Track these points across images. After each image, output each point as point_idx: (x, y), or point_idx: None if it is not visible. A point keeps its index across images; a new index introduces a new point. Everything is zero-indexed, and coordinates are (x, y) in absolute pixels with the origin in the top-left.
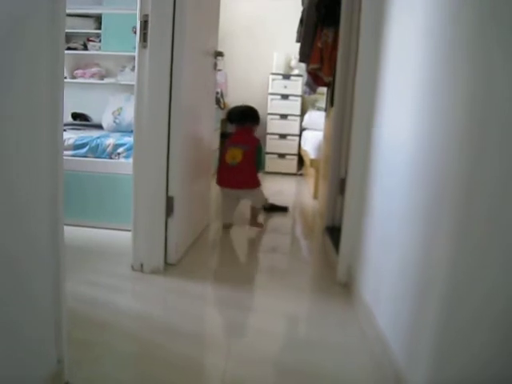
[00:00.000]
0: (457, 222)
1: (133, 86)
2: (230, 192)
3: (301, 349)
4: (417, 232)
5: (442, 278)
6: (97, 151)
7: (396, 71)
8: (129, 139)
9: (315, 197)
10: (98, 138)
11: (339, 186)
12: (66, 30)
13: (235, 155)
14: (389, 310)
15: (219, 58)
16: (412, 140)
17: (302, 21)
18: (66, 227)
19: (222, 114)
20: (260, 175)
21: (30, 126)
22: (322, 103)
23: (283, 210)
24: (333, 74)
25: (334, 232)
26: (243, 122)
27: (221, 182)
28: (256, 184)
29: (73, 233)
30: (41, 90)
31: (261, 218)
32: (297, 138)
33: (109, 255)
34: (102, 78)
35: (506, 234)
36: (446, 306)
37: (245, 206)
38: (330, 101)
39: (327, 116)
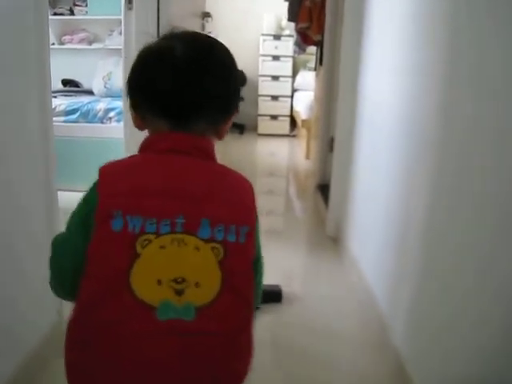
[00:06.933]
0: (434, 168)
1: (121, 49)
2: None
3: (291, 299)
4: (399, 184)
5: (420, 227)
6: (88, 116)
7: (380, 28)
8: (120, 103)
9: (308, 157)
10: (89, 103)
11: (329, 144)
12: None
13: (189, 275)
14: (373, 261)
15: (208, 19)
16: (393, 95)
17: None
18: (59, 193)
19: None
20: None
21: (19, 93)
22: (313, 63)
23: (276, 298)
24: (322, 32)
25: (325, 189)
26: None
27: None
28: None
29: (65, 198)
30: (28, 56)
31: None
32: (289, 100)
33: None
34: (90, 43)
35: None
36: (424, 256)
37: None
38: (320, 59)
39: (317, 75)
